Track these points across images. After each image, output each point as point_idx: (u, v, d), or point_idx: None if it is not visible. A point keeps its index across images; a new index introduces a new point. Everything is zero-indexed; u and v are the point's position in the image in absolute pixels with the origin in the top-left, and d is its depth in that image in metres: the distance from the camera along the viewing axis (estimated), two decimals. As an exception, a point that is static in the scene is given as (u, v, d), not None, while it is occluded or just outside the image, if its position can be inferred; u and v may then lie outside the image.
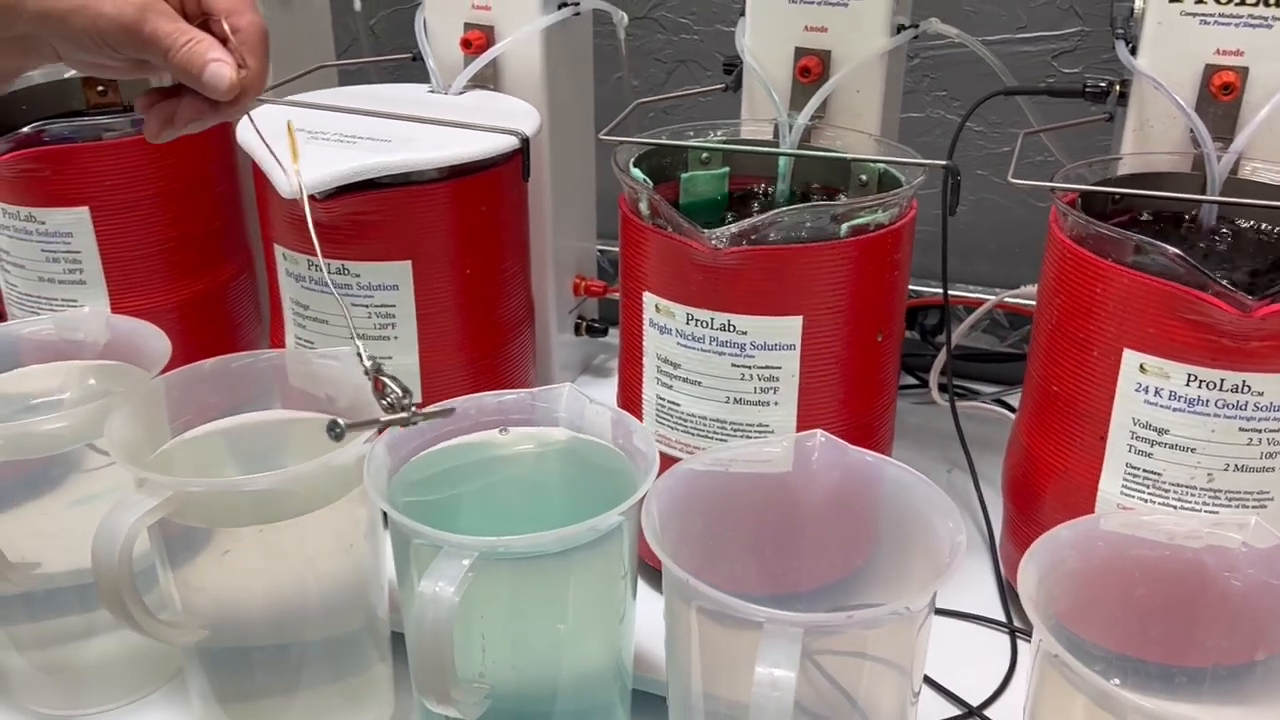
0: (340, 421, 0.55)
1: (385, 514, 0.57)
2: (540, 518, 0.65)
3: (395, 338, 0.78)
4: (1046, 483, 0.70)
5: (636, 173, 0.72)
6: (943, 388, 1.01)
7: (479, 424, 0.65)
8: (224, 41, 0.52)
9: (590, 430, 0.65)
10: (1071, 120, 0.82)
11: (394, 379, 0.59)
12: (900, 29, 0.84)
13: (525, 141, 0.78)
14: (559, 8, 0.90)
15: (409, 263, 0.76)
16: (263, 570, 0.63)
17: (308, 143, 0.75)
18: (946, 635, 0.74)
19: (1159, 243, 0.61)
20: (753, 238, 0.66)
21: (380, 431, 0.60)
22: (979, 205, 1.11)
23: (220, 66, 0.51)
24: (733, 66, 0.87)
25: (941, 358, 0.92)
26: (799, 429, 0.70)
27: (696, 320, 0.68)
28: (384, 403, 0.59)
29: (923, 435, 0.97)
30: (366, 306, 0.77)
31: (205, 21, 0.53)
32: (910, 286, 1.07)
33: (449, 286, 0.78)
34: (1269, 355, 0.60)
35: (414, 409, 0.58)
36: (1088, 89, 0.81)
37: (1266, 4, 0.72)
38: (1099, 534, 0.56)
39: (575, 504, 0.66)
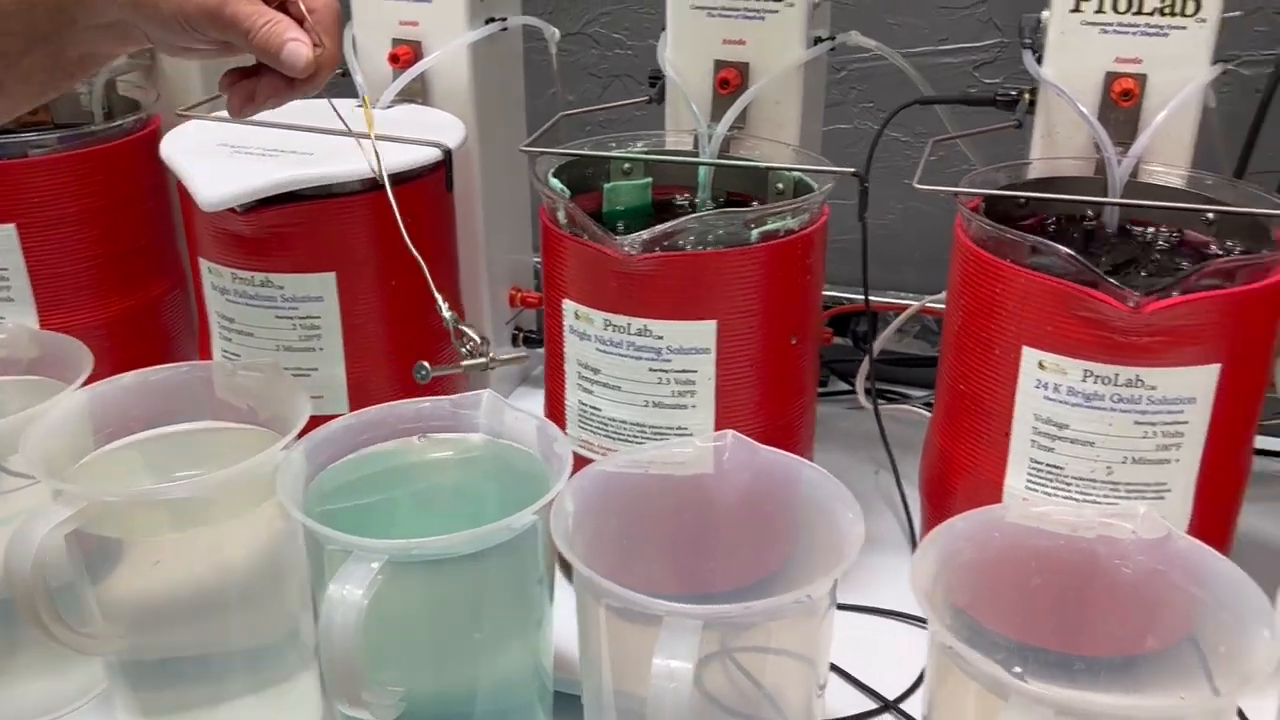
0: (425, 365, 0.63)
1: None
2: (458, 523, 0.65)
3: (321, 349, 0.79)
4: (958, 480, 0.72)
5: (555, 182, 0.74)
6: (869, 392, 1.04)
7: (397, 431, 0.66)
8: (300, 22, 0.55)
9: (510, 436, 0.66)
10: (983, 128, 0.84)
11: (471, 327, 0.69)
12: (817, 41, 0.86)
13: (448, 153, 0.79)
14: (486, 23, 0.92)
15: (333, 274, 0.77)
16: (182, 580, 0.63)
17: (230, 157, 0.76)
18: (866, 631, 0.76)
19: (1051, 243, 0.63)
20: (665, 244, 0.67)
21: (466, 374, 0.69)
22: (906, 213, 1.13)
23: (297, 46, 0.54)
24: (657, 79, 0.89)
25: (868, 363, 0.94)
26: (717, 430, 0.71)
27: (614, 326, 0.70)
28: (464, 349, 0.68)
29: (853, 439, 0.99)
30: (291, 318, 0.78)
31: (283, 3, 0.55)
32: (839, 294, 1.10)
33: (374, 297, 0.79)
34: (1160, 350, 0.62)
35: (491, 356, 0.68)
36: (999, 98, 0.83)
37: (1162, 14, 0.74)
38: (994, 525, 0.57)
39: (494, 509, 0.67)
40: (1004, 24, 1.05)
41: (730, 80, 0.83)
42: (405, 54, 0.90)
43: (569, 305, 0.72)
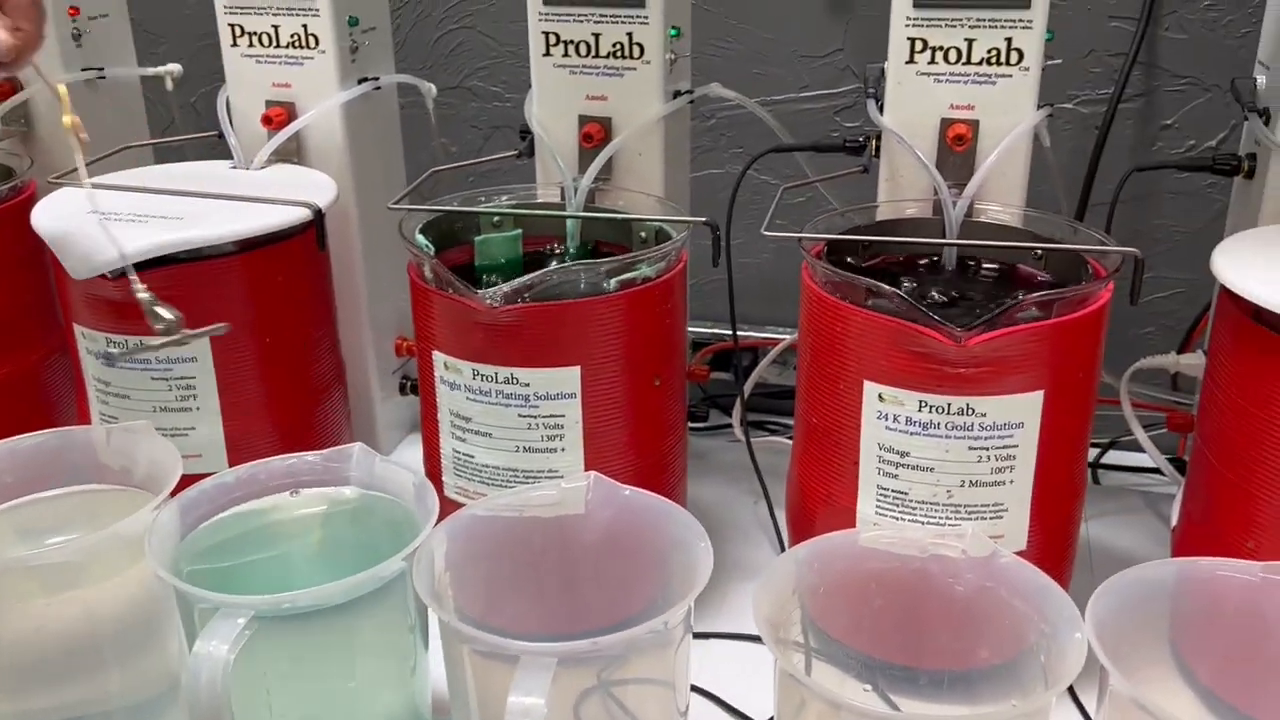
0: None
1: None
2: (332, 575, 0.67)
3: (197, 409, 0.80)
4: (817, 509, 0.76)
5: (420, 239, 0.76)
6: (754, 424, 1.08)
7: (269, 487, 0.68)
8: None
9: (381, 487, 0.69)
10: (834, 173, 0.89)
11: (166, 306, 0.70)
12: (677, 94, 0.90)
13: (318, 213, 0.82)
14: (359, 83, 0.94)
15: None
16: (57, 642, 0.64)
17: (101, 224, 0.77)
18: (740, 657, 0.79)
19: (882, 285, 0.67)
20: (527, 295, 0.70)
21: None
22: (780, 251, 1.18)
23: None
24: (527, 134, 0.92)
25: (749, 390, 0.98)
26: (587, 472, 0.74)
27: (482, 375, 0.72)
28: (159, 327, 0.69)
29: (734, 470, 1.03)
30: (167, 380, 0.79)
31: None
32: (722, 330, 1.15)
33: (250, 356, 0.81)
34: (986, 380, 0.66)
35: (184, 332, 0.70)
36: (848, 144, 0.88)
37: (989, 64, 0.80)
38: (835, 550, 0.61)
39: (368, 561, 0.68)
40: (860, 70, 1.10)
41: (594, 135, 0.87)
42: (279, 115, 0.92)
43: (439, 357, 0.74)
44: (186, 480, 0.68)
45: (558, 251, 0.86)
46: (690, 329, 1.17)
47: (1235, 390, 0.68)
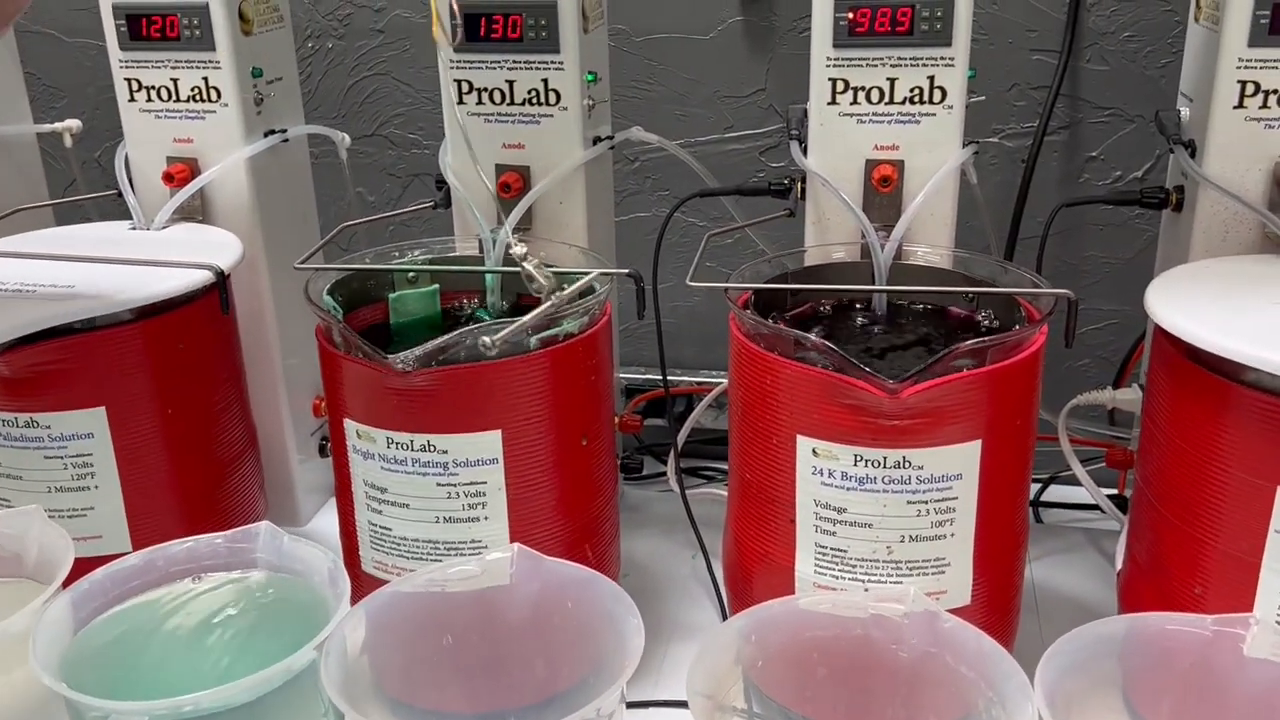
0: (487, 340, 0.63)
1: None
2: (239, 668, 0.63)
3: (96, 487, 0.75)
4: (754, 567, 0.73)
5: (328, 300, 0.73)
6: (691, 470, 1.05)
7: (169, 575, 0.63)
8: None
9: (290, 568, 0.64)
10: (760, 217, 0.86)
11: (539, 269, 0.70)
12: (597, 140, 0.87)
13: (221, 275, 0.77)
14: (265, 135, 0.90)
15: (103, 409, 0.74)
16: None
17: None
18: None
19: (808, 336, 0.65)
20: (441, 358, 0.67)
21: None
22: (713, 295, 1.15)
23: None
24: (444, 184, 0.89)
25: (684, 438, 0.95)
26: (513, 540, 0.71)
27: (396, 444, 0.69)
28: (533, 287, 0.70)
29: (671, 523, 0.99)
30: (61, 458, 0.74)
31: None
32: (655, 375, 1.12)
33: (150, 428, 0.76)
34: (922, 431, 0.64)
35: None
36: (773, 186, 0.86)
37: (912, 103, 0.78)
38: (774, 620, 0.58)
39: (279, 650, 0.64)
40: (784, 110, 1.09)
41: (512, 184, 0.84)
42: (180, 172, 0.88)
43: (350, 424, 0.70)
44: (86, 564, 0.63)
45: (479, 307, 0.83)
46: (623, 375, 1.15)
47: (1174, 431, 0.66)
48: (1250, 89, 0.75)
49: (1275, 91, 0.75)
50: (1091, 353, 1.09)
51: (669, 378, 1.14)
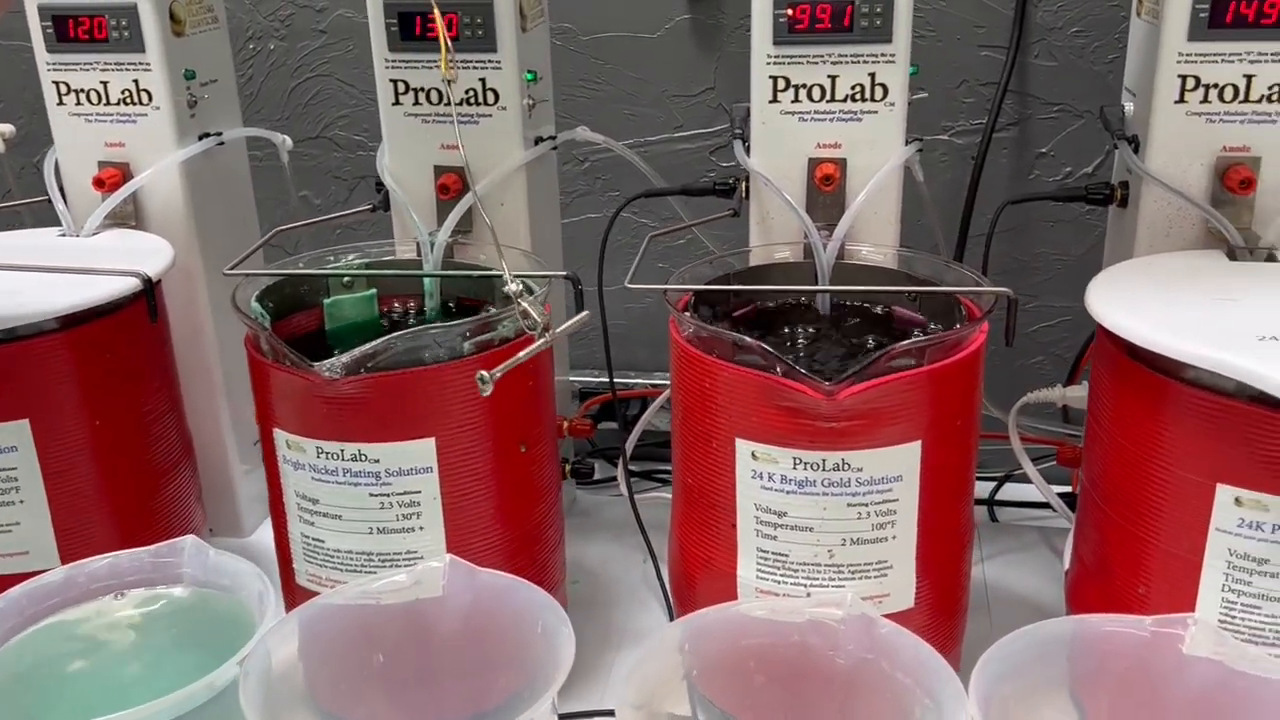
0: (485, 374, 0.61)
1: None
2: (163, 686, 0.61)
3: (20, 502, 0.73)
4: (697, 573, 0.71)
5: (256, 307, 0.71)
6: (645, 474, 1.04)
7: (90, 592, 0.62)
8: None
9: (216, 583, 0.63)
10: (704, 218, 0.85)
11: (531, 304, 0.66)
12: (539, 141, 0.86)
13: (149, 282, 0.75)
14: (200, 139, 0.88)
15: (25, 421, 0.72)
16: None
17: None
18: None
19: (745, 338, 0.64)
20: (370, 365, 0.65)
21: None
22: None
23: None
24: (383, 186, 0.87)
25: (634, 442, 0.93)
26: (450, 550, 0.69)
27: (326, 453, 0.67)
28: (524, 324, 0.66)
29: (622, 528, 0.98)
30: (-18, 472, 0.72)
31: None
32: (606, 379, 1.10)
33: (78, 440, 0.74)
34: (860, 433, 0.63)
35: (548, 328, 0.66)
36: (718, 187, 0.85)
37: (854, 100, 0.77)
38: (710, 629, 0.57)
39: (204, 668, 0.62)
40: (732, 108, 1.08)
41: (450, 186, 0.82)
42: (111, 177, 0.86)
43: (280, 435, 0.69)
44: (11, 581, 0.61)
45: (418, 311, 0.81)
46: (576, 378, 1.13)
47: (1117, 429, 0.66)
48: (1191, 83, 0.74)
49: (1216, 86, 0.74)
50: (1045, 350, 1.08)
51: (622, 380, 1.12)
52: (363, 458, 0.66)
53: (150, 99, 0.85)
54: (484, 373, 0.61)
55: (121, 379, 0.76)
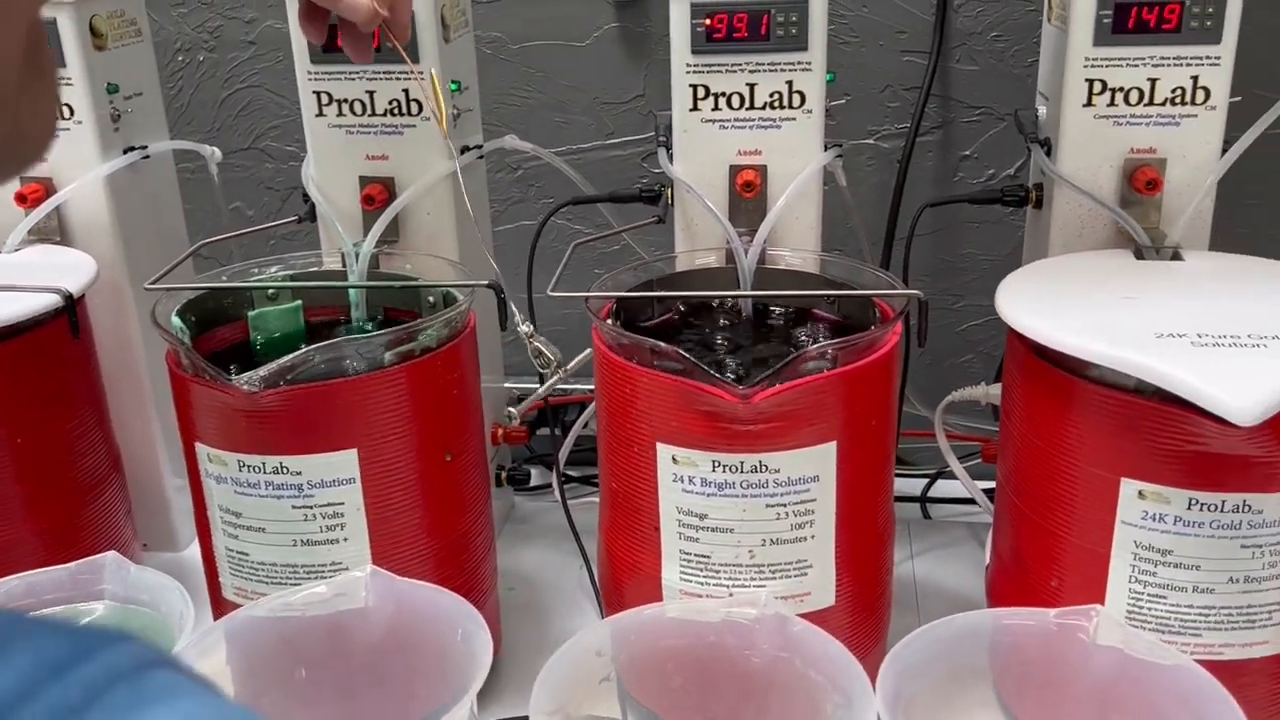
0: (512, 411, 0.65)
1: None
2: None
3: (-60, 522, 0.72)
4: (625, 578, 0.72)
5: (175, 322, 0.71)
6: (584, 480, 1.04)
7: (6, 610, 0.61)
8: None
9: (139, 600, 0.63)
10: (630, 225, 0.86)
11: (543, 343, 0.71)
12: (465, 150, 0.86)
13: (70, 298, 0.75)
14: (125, 152, 0.88)
15: (-57, 440, 0.71)
16: None
17: None
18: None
19: (661, 344, 0.64)
20: (290, 377, 0.65)
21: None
22: (599, 302, 1.15)
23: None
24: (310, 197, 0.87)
25: (569, 447, 0.94)
26: (375, 561, 0.69)
27: (248, 466, 0.67)
28: (537, 363, 0.70)
29: (562, 533, 0.98)
30: (-99, 493, 0.71)
31: None
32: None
33: (1, 459, 0.73)
34: (776, 435, 0.64)
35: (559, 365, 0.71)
36: (644, 193, 0.85)
37: (773, 108, 0.79)
38: (625, 632, 0.57)
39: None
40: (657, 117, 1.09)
41: (375, 196, 0.83)
42: (34, 192, 0.85)
43: (202, 449, 0.69)
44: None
45: (345, 322, 0.81)
46: (515, 384, 1.14)
47: (1028, 427, 0.67)
48: (1098, 87, 0.76)
49: (1122, 89, 0.76)
50: (974, 348, 1.10)
51: (560, 385, 1.13)
52: (285, 470, 0.67)
53: (72, 113, 0.85)
54: (511, 410, 0.62)
55: (44, 396, 0.76)
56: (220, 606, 0.73)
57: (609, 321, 0.71)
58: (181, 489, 0.97)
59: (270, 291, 0.79)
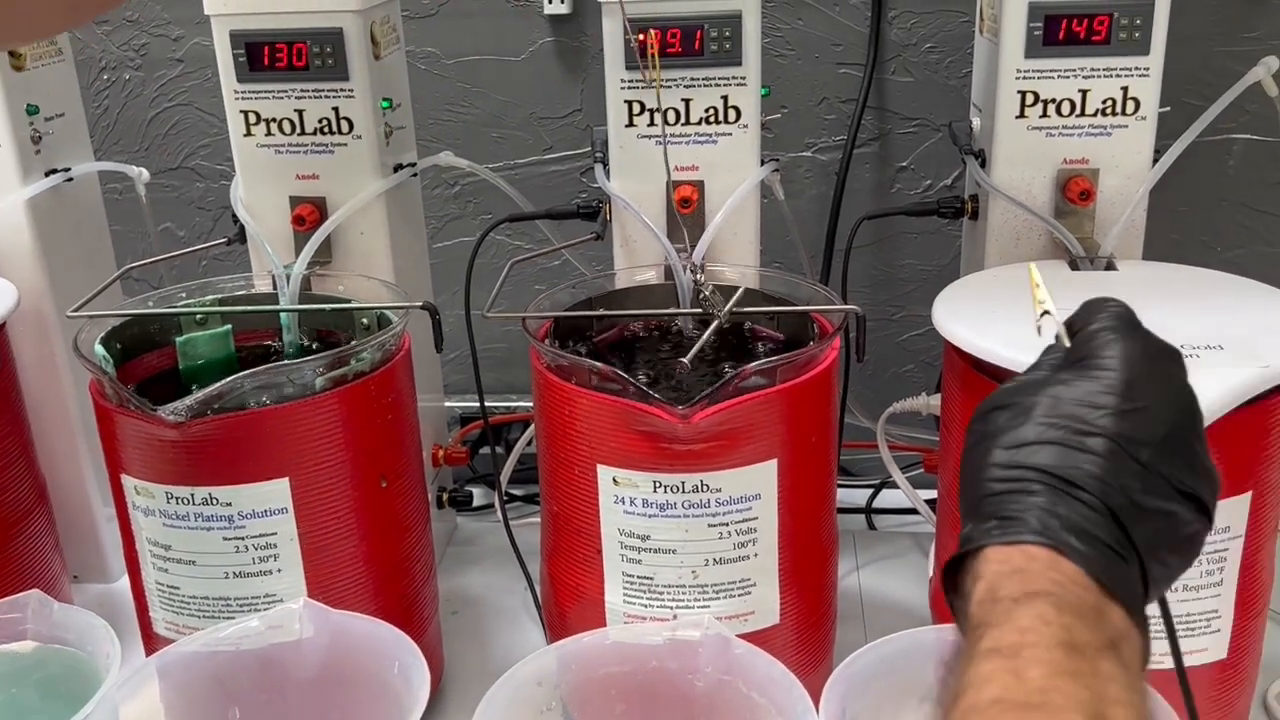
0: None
1: None
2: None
3: None
4: (568, 602, 0.71)
5: (99, 350, 0.69)
6: (528, 499, 1.03)
7: (-79, 655, 0.59)
8: None
9: (63, 638, 0.61)
10: (568, 242, 0.85)
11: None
12: (399, 168, 0.85)
13: (-13, 327, 0.73)
14: (47, 175, 0.86)
15: None
16: None
17: None
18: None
19: (598, 364, 0.64)
20: (217, 406, 0.63)
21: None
22: (540, 318, 1.13)
23: None
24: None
25: (511, 467, 0.93)
26: (311, 592, 0.68)
27: (177, 498, 0.65)
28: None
29: (509, 555, 0.96)
30: None
31: None
32: (494, 403, 1.09)
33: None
34: (717, 454, 0.63)
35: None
36: (581, 210, 0.85)
37: (708, 123, 0.78)
38: (569, 660, 0.56)
39: (49, 723, 0.61)
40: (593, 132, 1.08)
41: (305, 217, 0.81)
42: (-49, 218, 0.83)
43: (129, 481, 0.67)
44: None
45: (276, 347, 0.79)
46: (455, 404, 1.12)
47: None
48: (1030, 99, 0.77)
49: (1054, 101, 0.77)
50: (915, 358, 1.10)
51: (504, 405, 1.12)
52: (214, 501, 0.65)
53: (-11, 137, 0.82)
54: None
55: (-38, 428, 0.73)
56: (152, 641, 0.71)
57: (546, 342, 0.70)
58: (113, 519, 0.94)
59: (199, 316, 0.77)
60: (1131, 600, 0.35)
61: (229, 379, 0.63)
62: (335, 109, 0.80)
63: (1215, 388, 0.56)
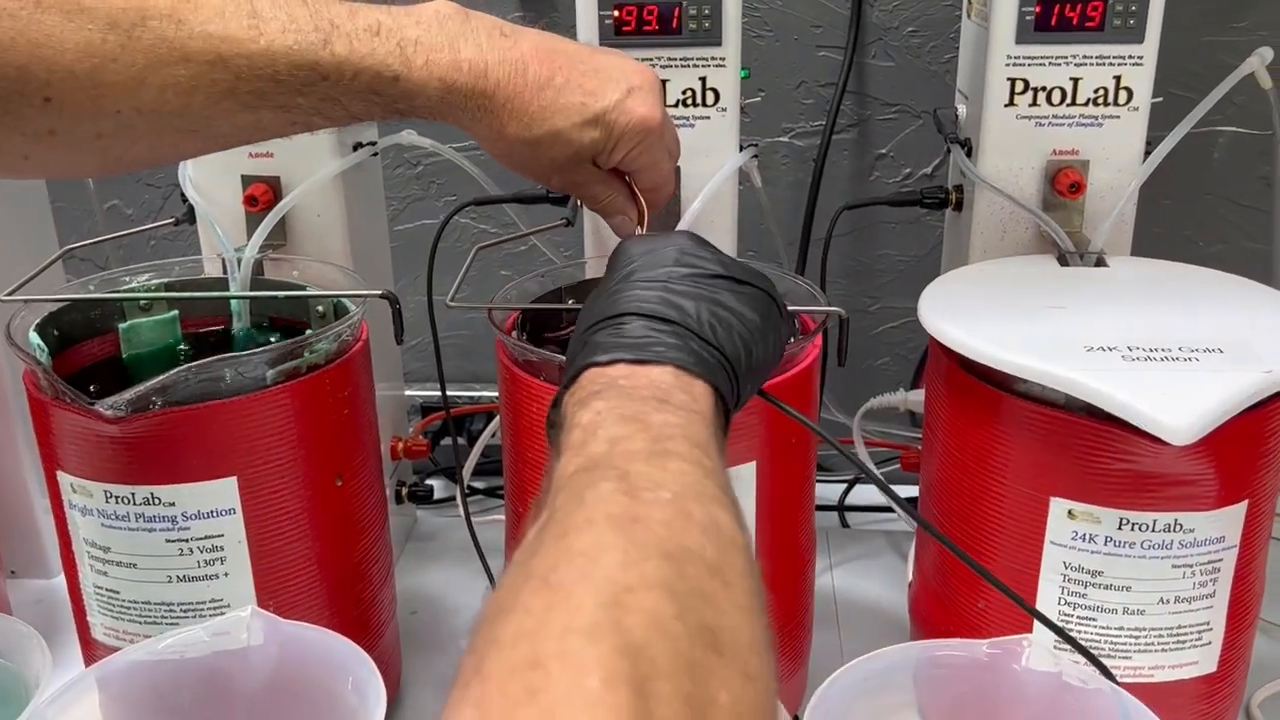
0: None
1: None
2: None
3: None
4: (532, 606, 0.68)
5: (33, 338, 0.64)
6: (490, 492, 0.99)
7: None
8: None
9: (-9, 648, 0.56)
10: (536, 228, 0.81)
11: None
12: (358, 147, 0.81)
13: (-87, 314, 0.68)
14: (-18, 149, 0.80)
15: None
16: None
17: None
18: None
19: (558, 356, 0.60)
20: (160, 400, 0.59)
21: None
22: (506, 305, 1.10)
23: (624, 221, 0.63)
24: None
25: (474, 459, 0.89)
26: (260, 597, 0.64)
27: (116, 497, 0.61)
28: None
29: (470, 551, 0.93)
30: None
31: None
32: (456, 394, 1.06)
33: None
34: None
35: None
36: (550, 194, 0.81)
37: (685, 105, 0.75)
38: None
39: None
40: (572, 110, 1.04)
41: (259, 197, 0.77)
42: (-124, 191, 0.78)
43: (64, 478, 0.62)
44: None
45: (226, 335, 0.75)
46: (416, 393, 1.08)
47: (953, 443, 0.64)
48: (1020, 86, 0.74)
49: (1045, 89, 0.74)
50: (891, 350, 1.08)
51: (466, 395, 1.08)
52: (157, 501, 0.61)
53: (-81, 105, 0.77)
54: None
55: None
56: (90, 648, 0.67)
57: (514, 334, 0.66)
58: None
59: (143, 302, 0.72)
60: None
61: (173, 371, 0.58)
62: (291, 83, 0.75)
63: (1216, 393, 0.53)
